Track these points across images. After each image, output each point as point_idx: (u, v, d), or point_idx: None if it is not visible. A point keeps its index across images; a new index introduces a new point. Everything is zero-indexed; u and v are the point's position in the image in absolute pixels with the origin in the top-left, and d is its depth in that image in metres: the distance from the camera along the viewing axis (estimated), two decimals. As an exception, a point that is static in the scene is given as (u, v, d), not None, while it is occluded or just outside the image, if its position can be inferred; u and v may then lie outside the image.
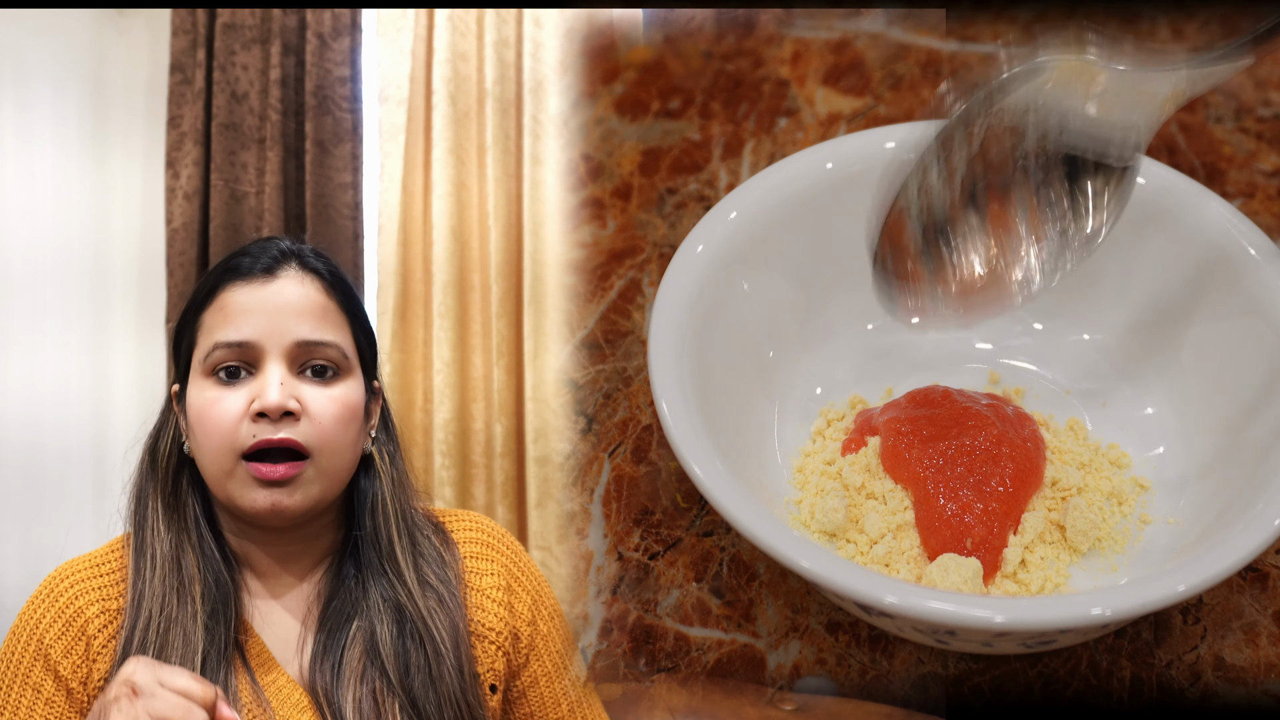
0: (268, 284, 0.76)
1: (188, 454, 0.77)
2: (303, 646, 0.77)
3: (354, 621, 0.77)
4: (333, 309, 0.78)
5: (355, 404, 0.77)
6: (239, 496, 0.74)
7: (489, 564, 0.82)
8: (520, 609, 0.81)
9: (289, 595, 0.79)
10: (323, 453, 0.75)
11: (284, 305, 0.76)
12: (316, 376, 0.76)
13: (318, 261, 0.79)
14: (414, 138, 1.90)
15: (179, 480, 0.78)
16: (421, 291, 1.90)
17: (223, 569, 0.77)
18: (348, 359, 0.77)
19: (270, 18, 1.89)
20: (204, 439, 0.75)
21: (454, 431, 1.87)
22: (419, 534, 0.80)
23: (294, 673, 0.77)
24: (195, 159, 1.89)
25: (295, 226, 1.89)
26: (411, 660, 0.76)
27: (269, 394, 0.74)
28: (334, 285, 0.78)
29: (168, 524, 0.77)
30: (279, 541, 0.78)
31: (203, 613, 0.74)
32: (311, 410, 0.75)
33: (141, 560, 0.76)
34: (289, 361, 0.75)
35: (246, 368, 0.75)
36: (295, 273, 0.77)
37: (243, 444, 0.74)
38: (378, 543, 0.78)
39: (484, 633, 0.80)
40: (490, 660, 0.79)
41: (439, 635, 0.77)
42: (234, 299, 0.76)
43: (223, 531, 0.78)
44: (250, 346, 0.75)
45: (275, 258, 0.77)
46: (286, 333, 0.75)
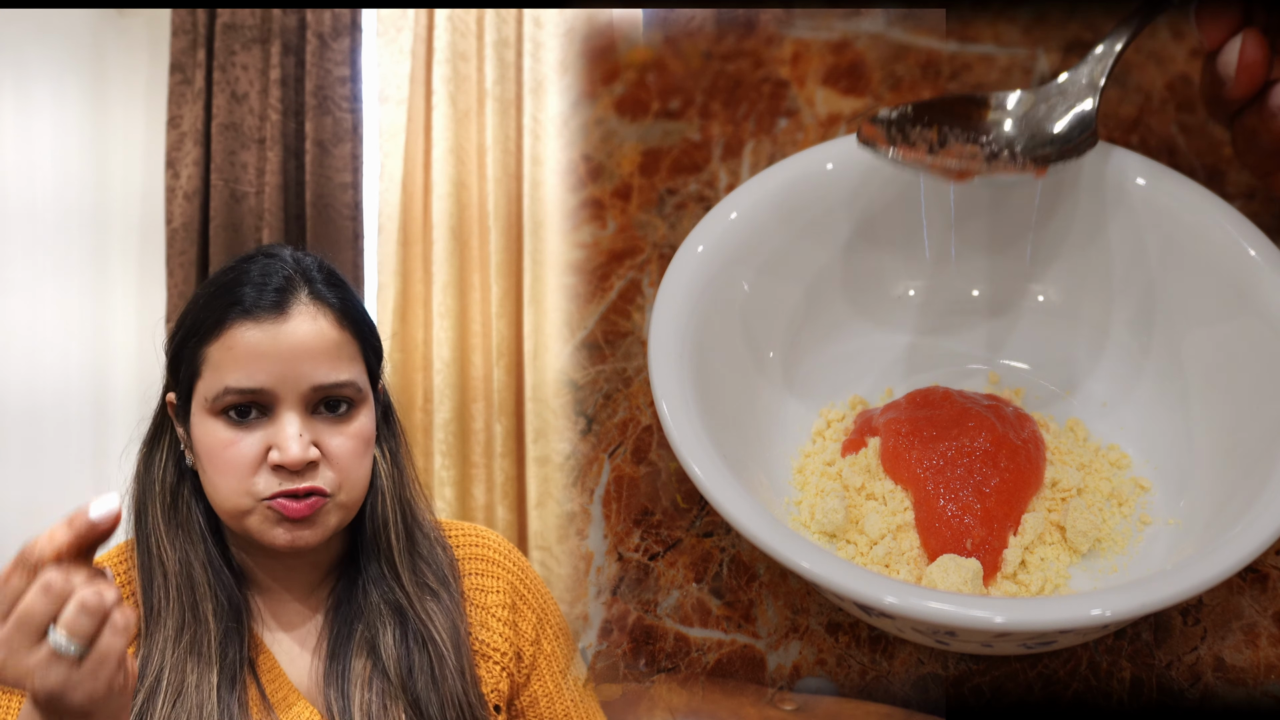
0: (279, 324, 0.73)
1: (189, 467, 0.76)
2: (314, 660, 0.77)
3: (358, 627, 0.77)
4: (346, 342, 0.75)
5: (370, 433, 0.76)
6: (257, 532, 0.73)
7: (493, 580, 0.81)
8: (524, 628, 0.81)
9: (297, 608, 0.78)
10: (343, 489, 0.74)
11: (298, 348, 0.72)
12: (331, 412, 0.74)
13: (328, 290, 0.75)
14: (414, 138, 1.90)
15: (179, 492, 0.76)
16: (421, 291, 1.90)
17: (232, 584, 0.76)
18: (362, 391, 0.75)
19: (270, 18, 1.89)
20: (218, 479, 0.73)
21: (454, 431, 1.87)
22: (418, 533, 0.80)
23: (304, 686, 0.76)
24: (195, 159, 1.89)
25: (295, 226, 1.89)
26: (414, 663, 0.76)
27: (290, 449, 0.71)
28: (345, 314, 0.75)
29: (172, 538, 0.75)
30: (286, 557, 0.77)
31: (217, 630, 0.73)
32: (330, 454, 0.73)
33: (152, 577, 0.75)
34: (304, 405, 0.73)
35: (259, 409, 0.73)
36: (307, 308, 0.73)
37: (263, 494, 0.72)
38: (379, 544, 0.78)
39: (488, 652, 0.79)
40: (494, 681, 0.79)
41: (439, 637, 0.77)
42: (243, 339, 0.72)
43: (228, 544, 0.77)
44: (264, 393, 0.72)
45: (281, 289, 0.74)
46: (302, 379, 0.72)
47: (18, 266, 1.86)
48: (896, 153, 0.80)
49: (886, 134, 0.81)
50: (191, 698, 0.72)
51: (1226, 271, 0.81)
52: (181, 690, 0.72)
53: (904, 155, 0.81)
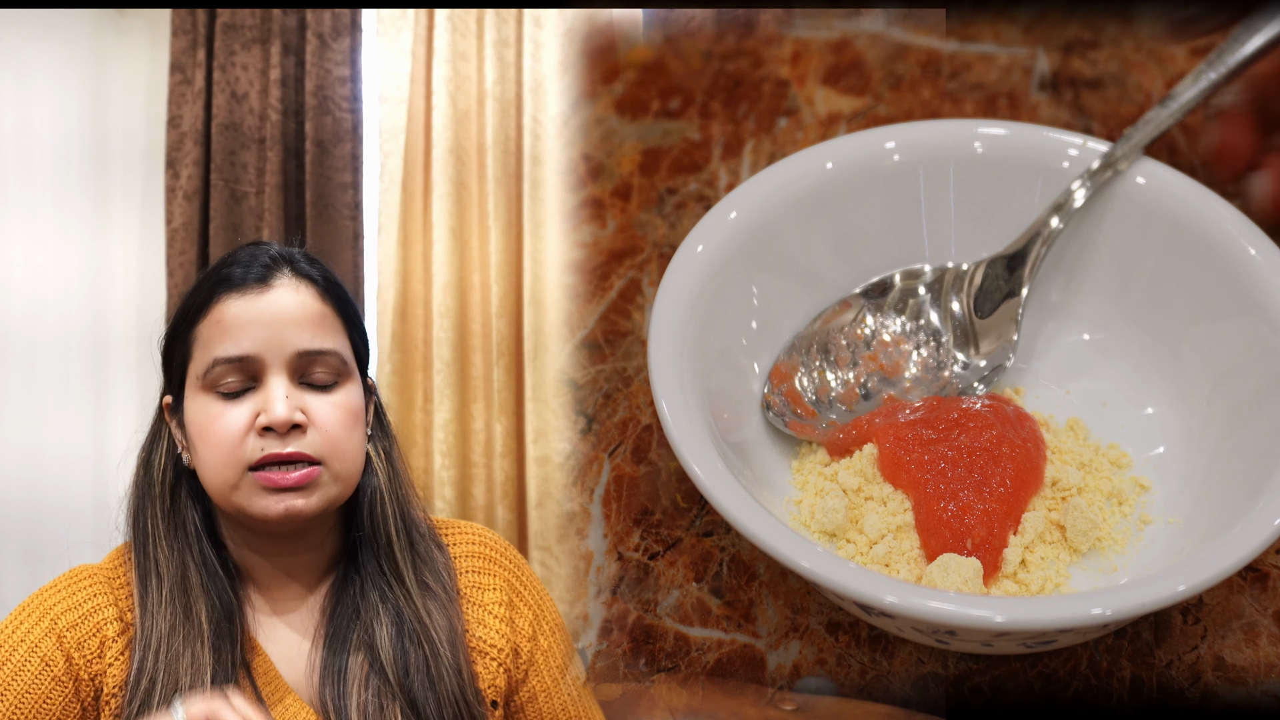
0: (263, 294, 0.75)
1: (186, 466, 0.77)
2: (310, 659, 0.77)
3: (355, 626, 0.77)
4: (329, 315, 0.77)
5: (358, 407, 0.77)
6: (249, 505, 0.74)
7: (490, 578, 0.81)
8: (521, 624, 0.81)
9: (294, 610, 0.78)
10: (334, 458, 0.75)
11: (282, 315, 0.75)
12: (318, 385, 0.75)
13: (310, 267, 0.78)
14: (414, 138, 1.90)
15: (177, 493, 0.77)
16: (421, 291, 1.90)
17: (226, 585, 0.76)
18: (347, 365, 0.77)
19: (270, 18, 1.89)
20: (207, 454, 0.74)
21: (454, 431, 1.87)
22: (416, 534, 0.80)
23: (301, 688, 0.76)
24: (195, 159, 1.89)
25: (295, 227, 1.89)
26: (410, 662, 0.76)
27: (275, 408, 0.73)
28: (328, 290, 0.78)
29: (169, 540, 0.76)
30: (283, 551, 0.77)
31: (209, 633, 0.74)
32: (317, 419, 0.74)
33: (147, 580, 0.75)
34: (291, 372, 0.75)
35: (248, 381, 0.74)
36: (289, 280, 0.76)
37: (250, 458, 0.73)
38: (375, 542, 0.78)
39: (485, 649, 0.79)
40: (491, 677, 0.79)
41: (436, 636, 0.77)
42: (229, 311, 0.75)
43: (225, 543, 0.77)
44: (251, 360, 0.74)
45: (267, 265, 0.76)
46: (287, 344, 0.74)
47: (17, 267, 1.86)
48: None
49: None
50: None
51: (1226, 271, 0.81)
52: (175, 693, 0.72)
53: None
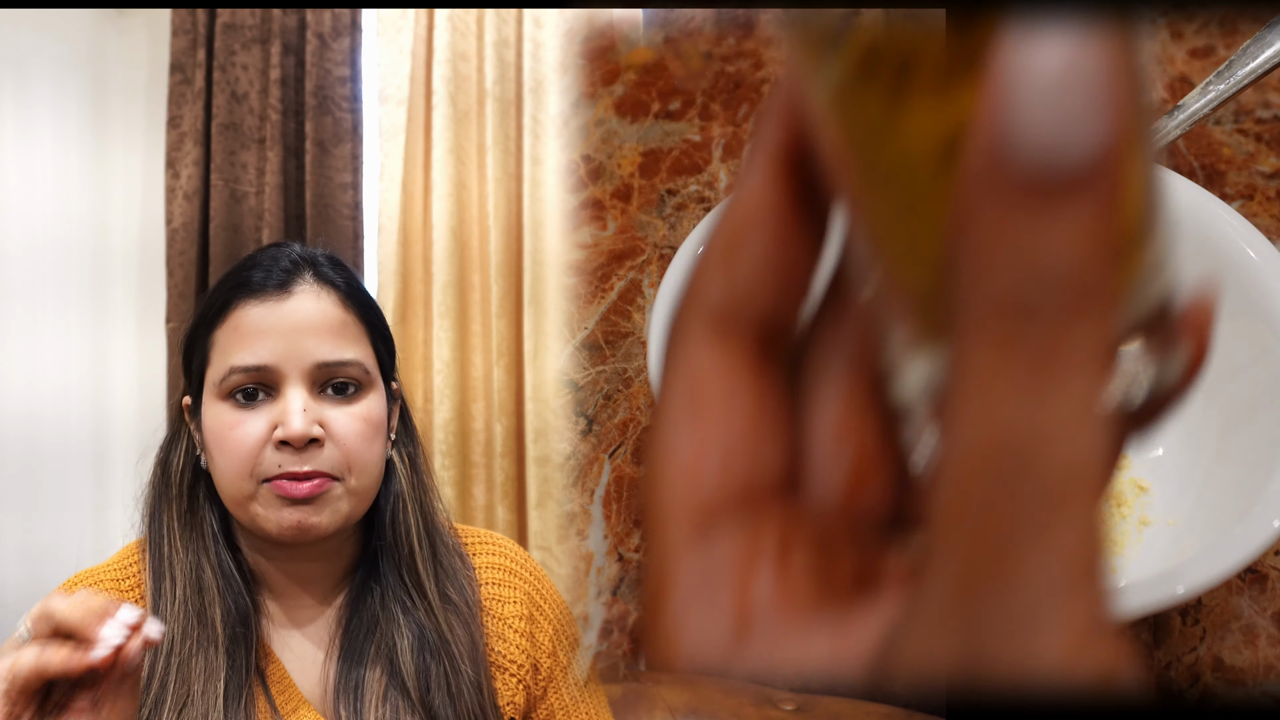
0: (283, 301, 0.72)
1: (204, 468, 0.75)
2: (325, 670, 0.75)
3: (374, 639, 0.75)
4: (351, 322, 0.74)
5: (379, 418, 0.74)
6: (263, 518, 0.71)
7: (511, 591, 0.79)
8: (542, 640, 0.79)
9: (310, 618, 0.77)
10: (351, 473, 0.72)
11: (301, 324, 0.72)
12: (338, 394, 0.73)
13: (333, 272, 0.75)
14: (414, 138, 1.90)
15: (194, 495, 0.75)
16: (421, 291, 1.90)
17: (242, 590, 0.74)
18: (369, 373, 0.74)
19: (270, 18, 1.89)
20: (223, 462, 0.72)
21: (454, 431, 1.87)
22: (440, 544, 0.78)
23: (316, 698, 0.75)
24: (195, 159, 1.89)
25: (295, 226, 1.89)
26: (431, 677, 0.74)
27: (292, 422, 0.70)
28: (351, 296, 0.75)
29: (185, 541, 0.74)
30: (299, 558, 0.75)
31: (224, 637, 0.72)
32: (335, 433, 0.72)
33: (160, 581, 0.73)
34: (309, 383, 0.72)
35: (265, 389, 0.72)
36: (310, 286, 0.73)
37: (266, 472, 0.71)
38: (398, 552, 0.76)
39: (505, 664, 0.78)
40: (510, 693, 0.77)
41: (457, 651, 0.74)
42: (248, 318, 0.72)
43: (240, 547, 0.76)
44: (268, 370, 0.71)
45: (288, 270, 0.73)
46: (306, 354, 0.72)
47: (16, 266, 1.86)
48: None
49: None
50: (197, 706, 0.70)
51: (1226, 271, 0.81)
52: (187, 700, 0.70)
53: None
